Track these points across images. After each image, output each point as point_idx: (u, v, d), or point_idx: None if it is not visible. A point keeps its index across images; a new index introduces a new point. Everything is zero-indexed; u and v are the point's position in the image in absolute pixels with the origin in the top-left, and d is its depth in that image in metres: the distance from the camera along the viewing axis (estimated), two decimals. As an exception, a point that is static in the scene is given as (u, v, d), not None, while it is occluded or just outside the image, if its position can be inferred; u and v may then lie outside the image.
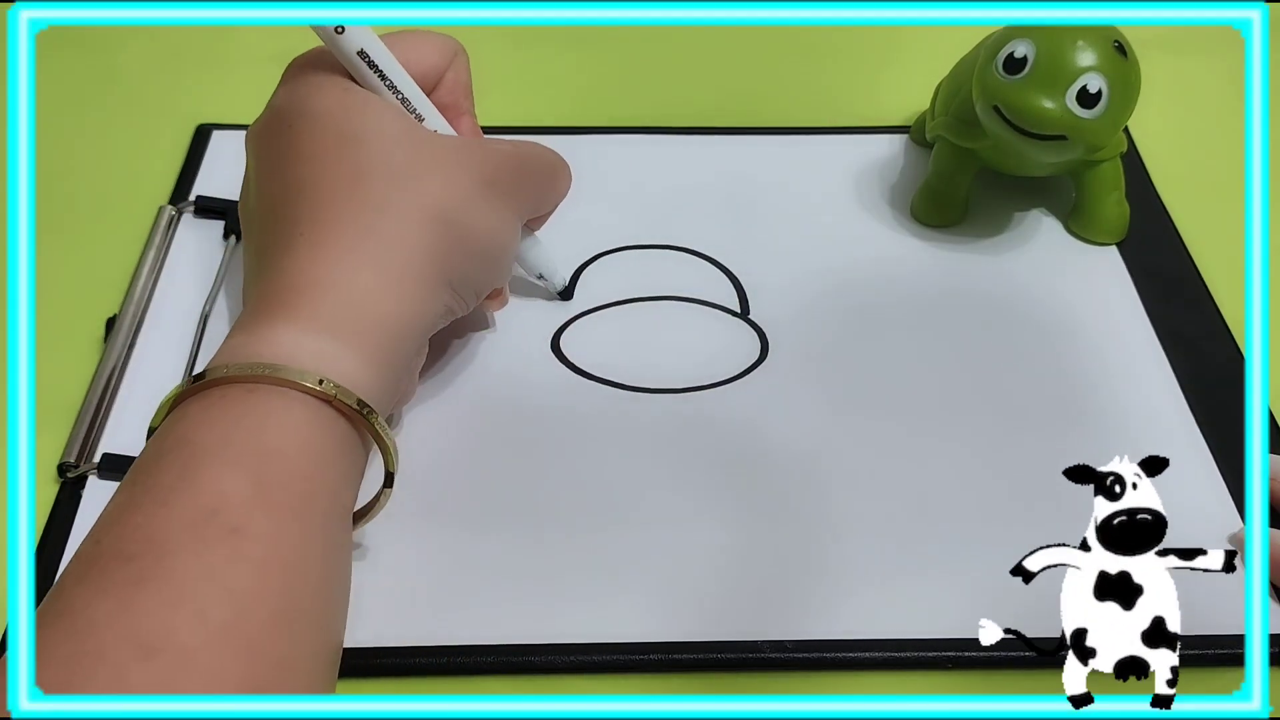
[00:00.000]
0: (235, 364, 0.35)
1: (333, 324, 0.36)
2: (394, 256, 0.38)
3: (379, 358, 0.37)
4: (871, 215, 0.53)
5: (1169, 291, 0.50)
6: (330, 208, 0.38)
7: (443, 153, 0.40)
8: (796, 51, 0.63)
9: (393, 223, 0.38)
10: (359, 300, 0.37)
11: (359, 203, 0.38)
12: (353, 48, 0.40)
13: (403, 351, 0.38)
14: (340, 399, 0.35)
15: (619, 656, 0.37)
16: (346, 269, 0.37)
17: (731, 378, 0.46)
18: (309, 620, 0.32)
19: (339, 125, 0.39)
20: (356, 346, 0.36)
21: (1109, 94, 0.45)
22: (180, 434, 0.34)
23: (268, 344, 0.35)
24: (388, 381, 0.37)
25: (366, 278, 0.37)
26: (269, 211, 0.40)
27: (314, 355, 0.35)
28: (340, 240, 0.37)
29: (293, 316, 0.36)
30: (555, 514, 0.41)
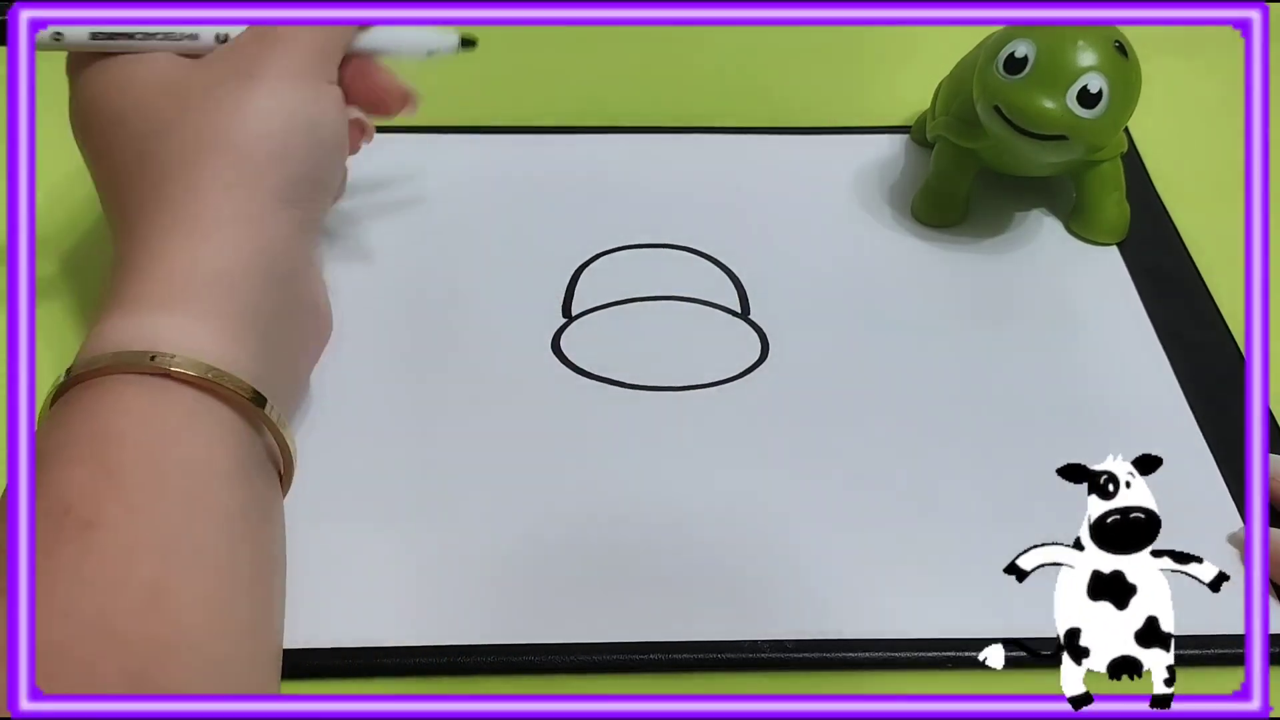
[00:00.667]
0: (74, 366, 0.35)
1: (156, 299, 0.36)
2: (199, 212, 0.37)
3: (223, 316, 0.36)
4: (871, 215, 0.53)
5: (1169, 291, 0.50)
6: (128, 190, 0.38)
7: (196, 82, 0.39)
8: (797, 51, 0.63)
9: (181, 180, 0.37)
10: (178, 267, 0.36)
11: (150, 178, 0.38)
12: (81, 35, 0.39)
13: (259, 301, 0.37)
14: (178, 370, 0.34)
15: (619, 656, 0.37)
16: (154, 242, 0.37)
17: (731, 377, 0.46)
18: (192, 600, 0.31)
19: (100, 111, 0.40)
20: (190, 313, 0.35)
21: (1109, 94, 0.45)
22: (42, 443, 0.34)
23: (100, 339, 0.35)
24: (247, 339, 0.36)
25: (177, 242, 0.36)
26: (102, 203, 0.41)
27: (140, 336, 0.34)
28: (143, 220, 0.37)
29: (115, 305, 0.36)
30: (555, 513, 0.41)
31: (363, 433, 0.43)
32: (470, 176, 0.54)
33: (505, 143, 0.56)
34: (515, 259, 0.50)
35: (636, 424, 0.44)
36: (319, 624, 0.37)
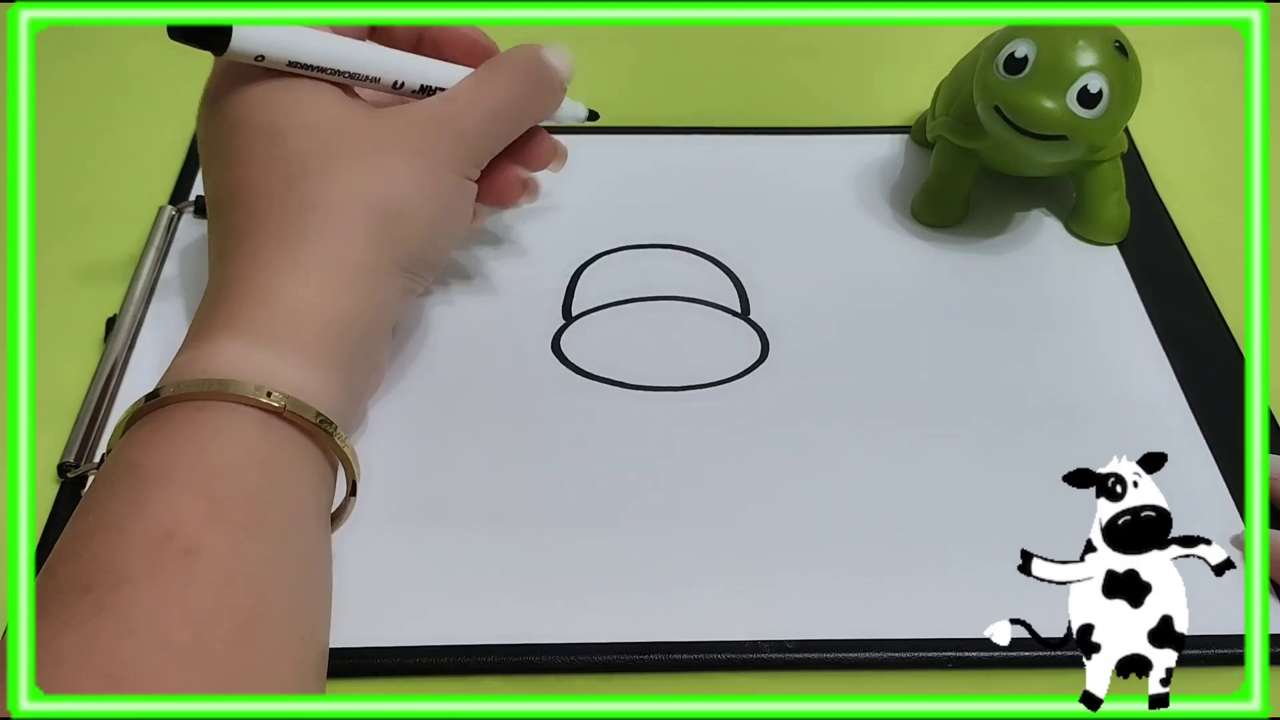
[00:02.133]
0: (182, 381, 0.35)
1: (277, 334, 0.36)
2: (331, 256, 0.37)
3: (329, 362, 0.37)
4: (871, 215, 0.53)
5: (1169, 291, 0.50)
6: (262, 213, 0.38)
7: (372, 136, 0.39)
8: (796, 51, 0.63)
9: (325, 221, 0.38)
10: (300, 307, 0.37)
11: (291, 205, 0.38)
12: (279, 63, 0.39)
13: (357, 349, 0.38)
14: (290, 410, 0.34)
15: (619, 656, 0.37)
16: (284, 275, 0.37)
17: (731, 377, 0.46)
18: (277, 632, 0.32)
19: (266, 122, 0.39)
20: (304, 354, 0.36)
21: (1109, 94, 0.45)
22: (130, 459, 0.34)
23: (214, 359, 0.35)
24: (343, 384, 0.37)
25: (305, 282, 0.37)
26: (214, 215, 0.40)
27: (260, 368, 0.35)
28: (275, 246, 0.37)
29: (236, 330, 0.36)
30: (555, 513, 0.41)
31: (362, 433, 0.43)
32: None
33: (505, 143, 0.56)
34: (515, 259, 0.50)
35: (636, 424, 0.44)
36: (319, 624, 0.37)
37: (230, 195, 0.39)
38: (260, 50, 0.38)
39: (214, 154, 0.41)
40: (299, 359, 0.36)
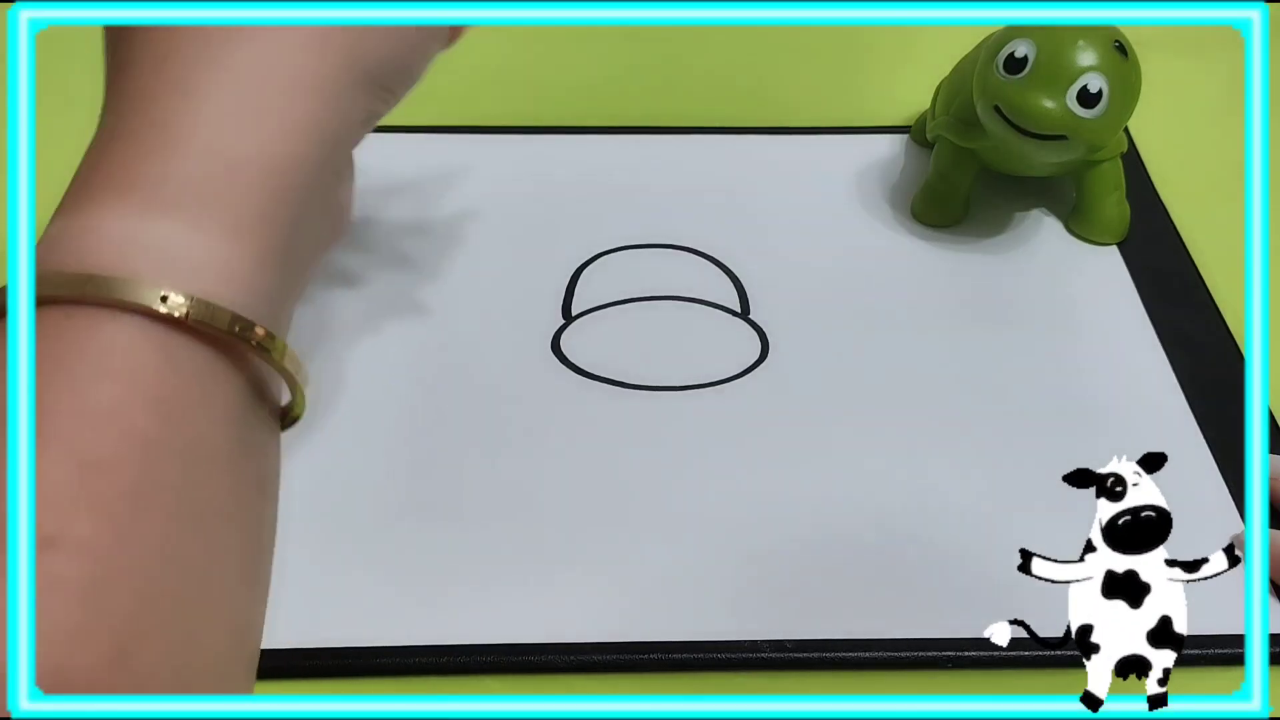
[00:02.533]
0: (46, 275, 0.25)
1: (187, 191, 0.26)
2: (272, 63, 0.27)
3: (262, 229, 0.26)
4: (871, 215, 0.53)
5: (1169, 291, 0.50)
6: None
7: None
8: (796, 51, 0.63)
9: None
10: (225, 147, 0.26)
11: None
12: None
13: (305, 200, 0.27)
14: (197, 320, 0.24)
15: (619, 656, 0.37)
16: (201, 98, 0.26)
17: (731, 377, 0.46)
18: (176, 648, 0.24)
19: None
20: (225, 220, 0.26)
21: (1109, 94, 0.45)
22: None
23: (94, 235, 0.25)
24: (279, 259, 0.27)
25: (233, 100, 0.26)
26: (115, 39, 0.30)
27: (159, 248, 0.25)
28: (192, 51, 0.27)
29: (128, 186, 0.26)
30: (555, 513, 0.41)
31: (363, 432, 0.43)
32: (470, 176, 0.54)
33: (505, 143, 0.56)
34: (515, 259, 0.50)
35: (636, 424, 0.44)
36: (319, 624, 0.37)
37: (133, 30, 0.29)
38: None
39: None
40: (218, 228, 0.25)
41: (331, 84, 0.28)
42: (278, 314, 0.27)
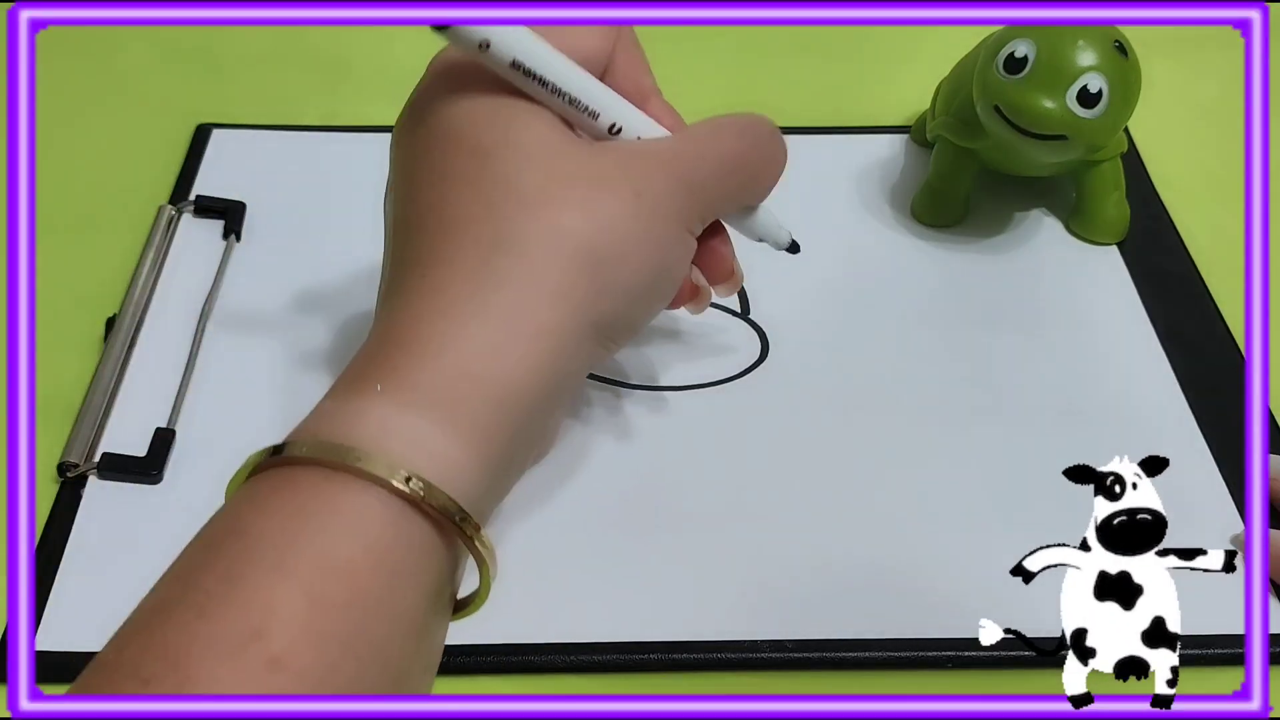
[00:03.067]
0: (315, 441, 0.30)
1: (438, 397, 0.31)
2: (522, 309, 0.32)
3: (491, 438, 0.31)
4: (871, 215, 0.53)
5: (1169, 291, 0.50)
6: (454, 241, 0.33)
7: (591, 169, 0.34)
8: (796, 51, 0.63)
9: (524, 263, 0.32)
10: (474, 368, 0.31)
11: (487, 237, 0.32)
12: (504, 59, 0.33)
13: (526, 425, 0.32)
14: (428, 502, 0.29)
15: (619, 656, 0.37)
16: (463, 325, 0.31)
17: (731, 377, 0.46)
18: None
19: (474, 138, 0.34)
20: (463, 427, 0.30)
21: (1109, 94, 0.45)
22: (237, 521, 0.29)
23: (358, 419, 0.30)
24: (500, 465, 0.32)
25: (486, 334, 0.31)
26: (395, 241, 0.35)
27: (407, 437, 0.30)
28: (460, 287, 0.32)
29: (393, 386, 0.31)
30: (553, 513, 0.41)
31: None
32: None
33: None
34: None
35: (636, 424, 0.44)
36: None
37: (418, 218, 0.34)
38: (488, 36, 0.32)
39: (407, 169, 0.35)
40: (456, 432, 0.30)
41: (568, 334, 0.32)
42: (486, 511, 0.32)
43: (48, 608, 0.37)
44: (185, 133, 0.55)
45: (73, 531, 0.40)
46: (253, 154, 0.54)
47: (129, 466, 0.41)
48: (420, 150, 0.35)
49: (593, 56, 0.37)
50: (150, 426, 0.42)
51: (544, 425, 0.34)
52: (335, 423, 0.30)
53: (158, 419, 0.43)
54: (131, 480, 0.41)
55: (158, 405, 0.43)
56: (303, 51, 0.61)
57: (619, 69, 0.38)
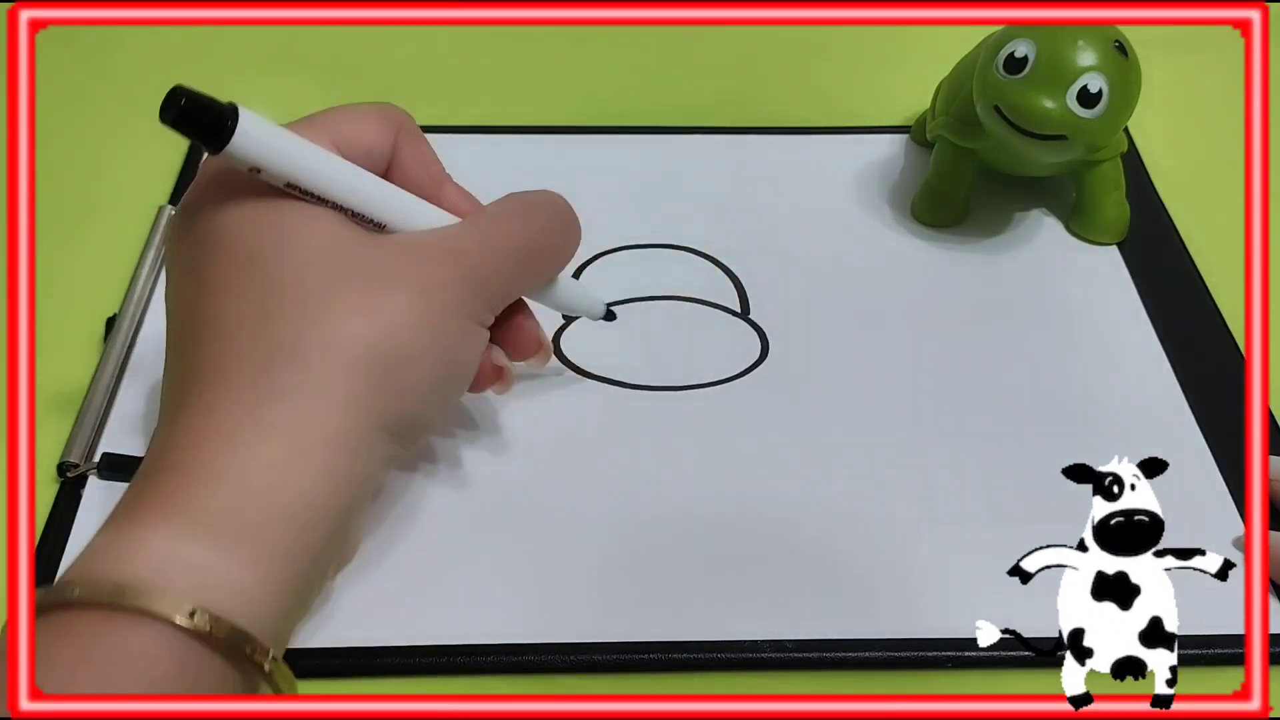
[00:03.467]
0: (90, 581, 0.28)
1: (221, 522, 0.29)
2: (305, 421, 0.31)
3: (283, 557, 0.30)
4: (871, 215, 0.53)
5: (1169, 291, 0.50)
6: (231, 354, 0.31)
7: (374, 269, 0.33)
8: (796, 51, 0.63)
9: (303, 374, 0.31)
10: (257, 488, 0.30)
11: (264, 348, 0.31)
12: (277, 181, 0.33)
13: (322, 539, 0.31)
14: (217, 635, 0.28)
15: (619, 656, 0.37)
16: (245, 443, 0.30)
17: (731, 377, 0.46)
18: None
19: (248, 245, 0.33)
20: (252, 550, 0.29)
21: (1109, 94, 0.45)
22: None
23: (138, 550, 0.29)
24: (297, 584, 0.31)
25: (269, 450, 0.30)
26: (172, 354, 0.34)
27: (191, 567, 0.29)
28: (237, 403, 0.31)
29: (170, 512, 0.30)
30: (555, 513, 0.41)
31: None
32: (471, 176, 0.54)
33: (505, 143, 0.56)
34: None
35: (636, 424, 0.44)
36: (319, 624, 0.37)
37: (194, 330, 0.33)
38: (259, 162, 0.32)
39: (180, 279, 0.34)
40: (244, 556, 0.29)
41: (359, 441, 0.32)
42: (286, 631, 0.31)
43: (48, 608, 0.37)
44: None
45: (73, 531, 0.40)
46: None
47: (129, 466, 0.41)
48: (192, 259, 0.33)
49: (374, 152, 0.36)
50: (150, 426, 0.42)
51: (344, 534, 0.33)
52: (111, 558, 0.29)
53: (158, 419, 0.43)
54: (131, 480, 0.41)
55: (158, 405, 0.43)
56: (303, 51, 0.61)
57: (405, 160, 0.37)
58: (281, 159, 0.32)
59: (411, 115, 0.39)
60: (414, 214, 0.36)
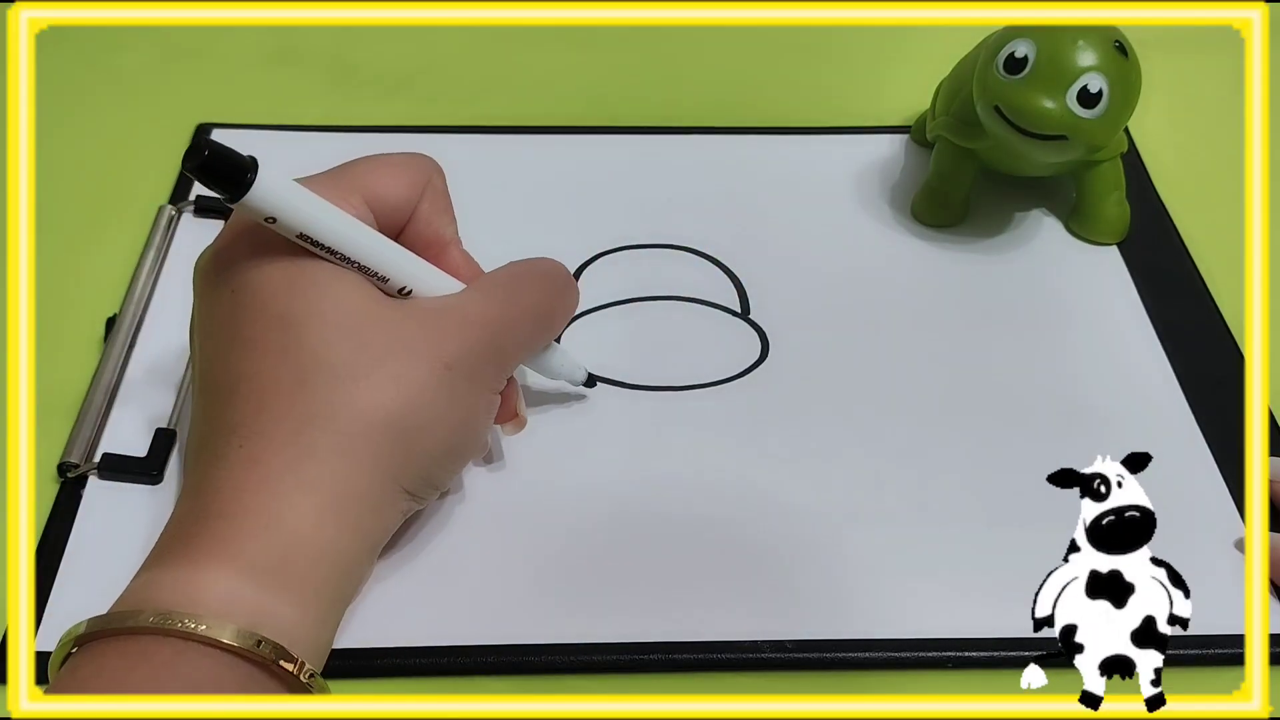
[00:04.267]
0: (163, 611, 0.31)
1: (273, 567, 0.33)
2: (337, 481, 0.34)
3: (320, 596, 0.34)
4: (871, 215, 0.53)
5: (1169, 291, 0.50)
6: (269, 414, 0.34)
7: (399, 339, 0.35)
8: (796, 51, 0.63)
9: (335, 438, 0.34)
10: (300, 538, 0.33)
11: (299, 413, 0.34)
12: (291, 232, 0.35)
13: (347, 584, 0.35)
14: (279, 664, 0.31)
15: (619, 656, 0.37)
16: (287, 496, 0.33)
17: (731, 377, 0.46)
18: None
19: (281, 306, 0.35)
20: (297, 591, 0.33)
21: (1109, 94, 0.45)
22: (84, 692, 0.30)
23: (207, 589, 0.32)
24: (329, 622, 0.35)
25: (309, 505, 0.33)
26: (211, 396, 0.36)
27: (250, 608, 0.32)
28: (279, 460, 0.34)
29: (227, 555, 0.32)
30: (555, 513, 0.41)
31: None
32: (470, 176, 0.54)
33: (505, 142, 0.56)
34: (515, 258, 0.50)
35: (636, 424, 0.44)
36: (319, 624, 0.37)
37: (230, 384, 0.35)
38: (275, 212, 0.34)
39: (214, 329, 0.36)
40: (291, 598, 0.33)
41: (380, 498, 0.35)
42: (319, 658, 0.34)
43: (48, 608, 0.37)
44: (185, 133, 0.55)
45: (73, 531, 0.40)
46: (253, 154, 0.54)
47: (129, 466, 0.41)
48: (227, 312, 0.36)
49: (400, 207, 0.38)
50: (150, 426, 0.42)
51: (360, 578, 0.37)
52: (179, 593, 0.32)
53: (158, 419, 0.43)
54: (131, 480, 0.41)
55: (158, 405, 0.43)
56: (303, 51, 0.61)
57: (421, 216, 0.39)
58: (293, 213, 0.34)
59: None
60: (421, 279, 0.37)
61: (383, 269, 0.36)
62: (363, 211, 0.37)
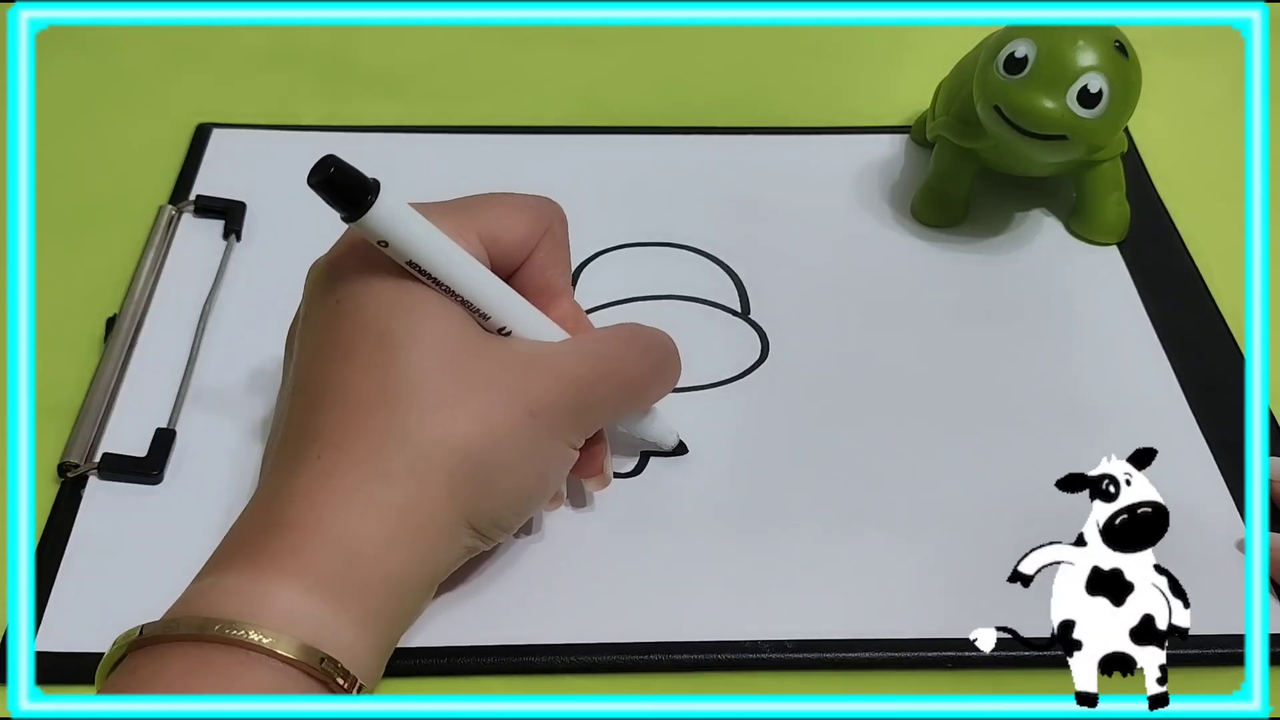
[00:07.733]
0: (227, 620, 0.31)
1: (337, 584, 0.33)
2: (409, 505, 0.34)
3: (381, 620, 0.34)
4: (871, 215, 0.53)
5: (1169, 291, 0.50)
6: (352, 427, 0.34)
7: (490, 377, 0.35)
8: (796, 51, 0.63)
9: (412, 461, 0.34)
10: (368, 555, 0.33)
11: (382, 429, 0.34)
12: (402, 258, 0.35)
13: (410, 607, 0.35)
14: (336, 683, 0.32)
15: (619, 656, 0.37)
16: (358, 515, 0.33)
17: (731, 378, 0.46)
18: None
19: (382, 324, 0.35)
20: (357, 612, 0.33)
21: (1109, 94, 0.45)
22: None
23: (272, 600, 0.32)
24: (386, 647, 0.35)
25: (378, 527, 0.33)
26: (302, 398, 0.36)
27: (313, 622, 0.32)
28: (355, 476, 0.34)
29: (294, 568, 0.33)
30: (554, 513, 0.41)
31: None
32: (471, 176, 0.54)
33: (505, 143, 0.56)
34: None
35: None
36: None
37: (321, 390, 0.35)
38: (389, 238, 0.34)
39: (315, 337, 0.37)
40: (352, 617, 0.33)
41: (448, 530, 0.35)
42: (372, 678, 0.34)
43: (48, 608, 0.37)
44: (185, 133, 0.55)
45: (73, 531, 0.40)
46: (253, 154, 0.54)
47: (129, 466, 0.41)
48: (329, 321, 0.36)
49: (515, 247, 0.38)
50: (150, 426, 0.42)
51: (417, 608, 0.36)
52: (245, 602, 0.32)
53: (158, 419, 0.43)
54: (131, 480, 0.41)
55: (158, 405, 0.43)
56: (303, 51, 0.61)
57: (536, 261, 0.39)
58: (405, 241, 0.34)
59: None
60: (524, 323, 0.37)
61: (486, 307, 0.36)
62: (477, 248, 0.37)
